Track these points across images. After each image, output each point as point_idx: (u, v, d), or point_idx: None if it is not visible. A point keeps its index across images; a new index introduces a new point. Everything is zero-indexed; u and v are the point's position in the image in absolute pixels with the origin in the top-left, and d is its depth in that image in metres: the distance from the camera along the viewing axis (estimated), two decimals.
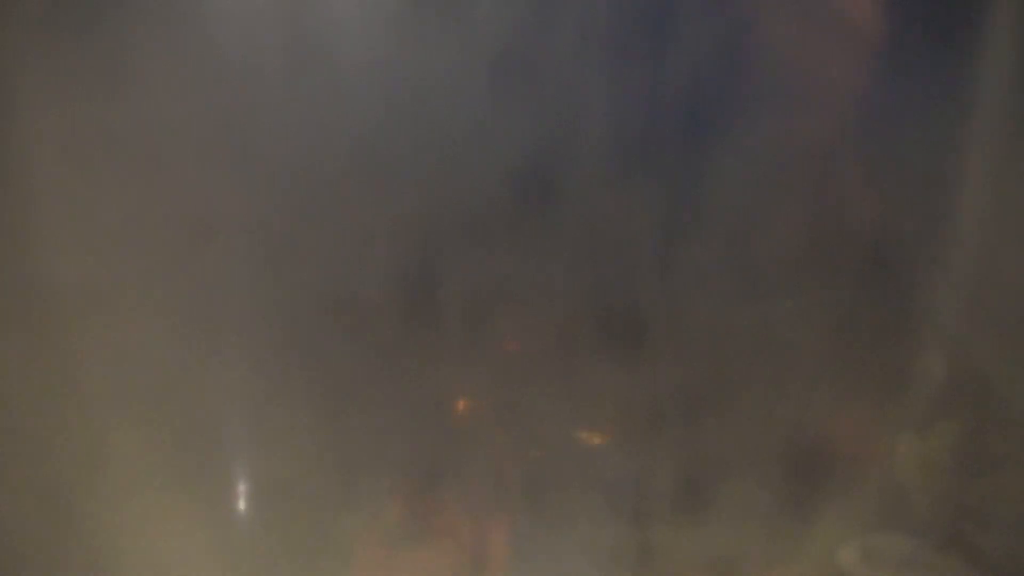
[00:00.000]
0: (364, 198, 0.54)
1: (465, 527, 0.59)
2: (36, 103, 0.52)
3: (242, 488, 0.58)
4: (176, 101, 0.52)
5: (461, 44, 0.52)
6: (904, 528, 0.58)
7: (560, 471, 0.61)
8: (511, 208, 0.54)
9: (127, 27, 0.51)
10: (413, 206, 0.54)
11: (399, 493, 0.58)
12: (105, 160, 0.52)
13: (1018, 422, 0.56)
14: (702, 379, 0.59)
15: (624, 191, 0.55)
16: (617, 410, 0.60)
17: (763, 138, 0.54)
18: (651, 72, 0.53)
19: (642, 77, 0.53)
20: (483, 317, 0.57)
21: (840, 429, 0.60)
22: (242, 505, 0.58)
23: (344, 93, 0.53)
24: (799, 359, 0.59)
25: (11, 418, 0.54)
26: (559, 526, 0.60)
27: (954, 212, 0.56)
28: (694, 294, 0.58)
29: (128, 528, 0.55)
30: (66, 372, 0.55)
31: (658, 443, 0.61)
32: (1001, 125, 0.54)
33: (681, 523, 0.60)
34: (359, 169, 0.54)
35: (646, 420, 0.61)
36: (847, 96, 0.56)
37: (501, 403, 0.59)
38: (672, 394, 0.59)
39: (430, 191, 0.54)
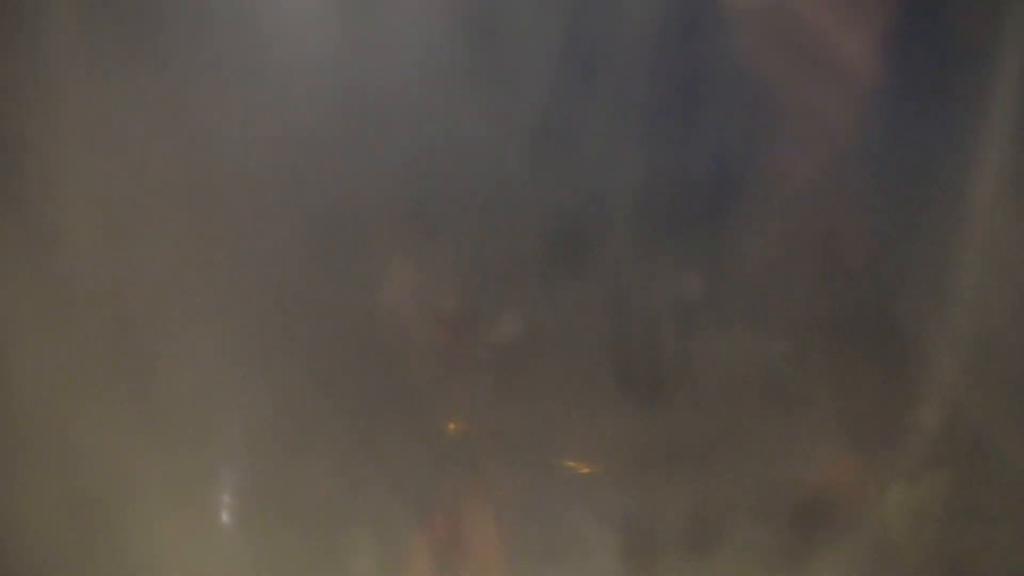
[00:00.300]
0: (399, 246, 0.55)
1: (462, 541, 0.59)
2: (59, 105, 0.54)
3: (258, 495, 0.58)
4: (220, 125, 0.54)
5: (503, 107, 0.53)
6: None
7: (562, 506, 0.61)
8: (542, 262, 0.55)
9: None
10: (447, 255, 0.56)
11: (402, 510, 0.58)
12: (127, 165, 0.54)
13: (1011, 474, 0.57)
14: (706, 427, 0.60)
15: (650, 252, 0.56)
16: (629, 450, 0.61)
17: (784, 202, 0.56)
18: (682, 140, 0.54)
19: (673, 145, 0.54)
20: (508, 360, 0.58)
21: (833, 478, 0.61)
22: (259, 514, 0.58)
23: (386, 144, 0.54)
24: (795, 410, 0.60)
25: (35, 424, 0.54)
26: (556, 558, 0.60)
27: (954, 267, 0.58)
28: (705, 352, 0.59)
29: (143, 537, 0.55)
30: (87, 375, 0.56)
31: (655, 488, 0.61)
32: (1005, 182, 0.56)
33: (672, 570, 0.60)
34: (395, 217, 0.55)
35: (649, 466, 0.61)
36: (872, 165, 0.59)
37: (513, 439, 0.60)
38: (670, 442, 0.60)
39: (465, 243, 0.56)
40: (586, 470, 0.61)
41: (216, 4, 0.52)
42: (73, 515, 0.54)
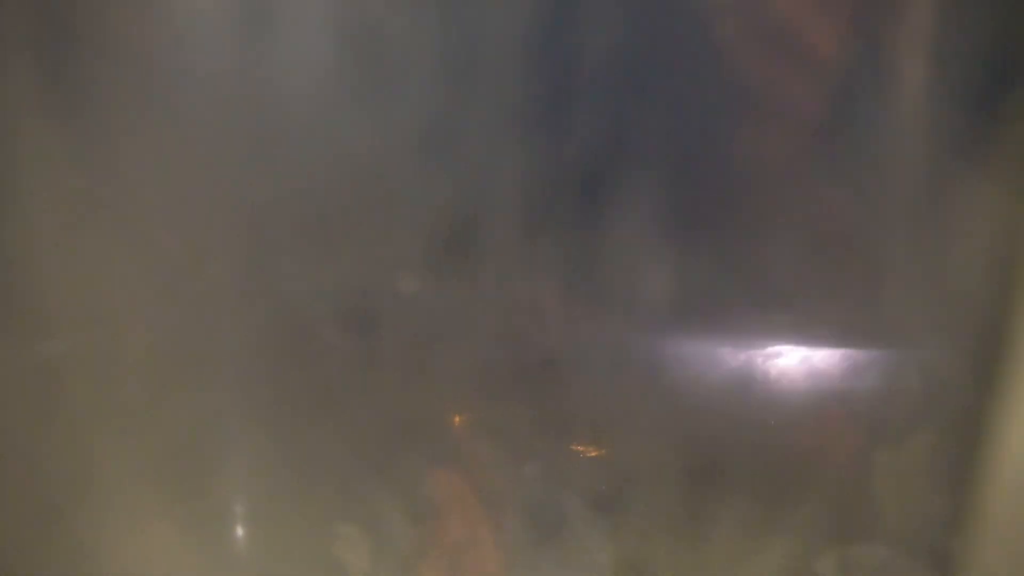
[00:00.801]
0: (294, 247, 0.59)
1: (458, 538, 0.61)
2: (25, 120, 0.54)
3: (232, 499, 0.60)
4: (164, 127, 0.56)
5: (387, 113, 0.56)
6: (880, 538, 0.59)
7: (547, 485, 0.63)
8: (429, 258, 0.59)
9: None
10: (340, 254, 0.59)
11: (392, 505, 0.60)
12: (96, 176, 0.56)
13: (989, 436, 0.57)
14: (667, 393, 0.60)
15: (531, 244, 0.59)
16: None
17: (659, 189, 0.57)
18: (557, 135, 0.57)
19: (550, 143, 0.57)
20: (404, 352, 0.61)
21: (818, 440, 0.61)
22: (232, 517, 0.60)
23: (280, 151, 0.57)
24: (777, 371, 0.60)
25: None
26: (549, 540, 0.62)
27: (935, 234, 0.57)
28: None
29: (118, 540, 0.57)
30: (57, 384, 0.57)
31: (635, 455, 0.62)
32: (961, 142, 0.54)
33: (658, 534, 0.62)
34: (303, 219, 0.58)
35: (621, 433, 0.62)
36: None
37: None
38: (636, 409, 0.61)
39: (357, 243, 0.59)
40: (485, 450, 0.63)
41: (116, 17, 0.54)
42: (39, 527, 0.56)
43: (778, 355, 0.61)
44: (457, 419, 0.62)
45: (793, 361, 0.61)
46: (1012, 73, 0.52)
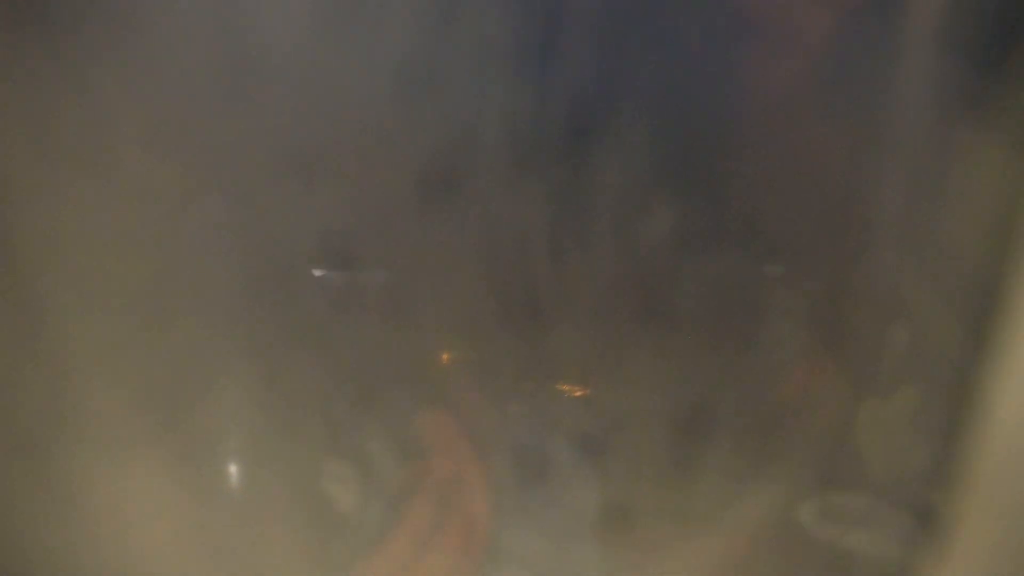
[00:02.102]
0: (291, 185, 0.57)
1: (445, 476, 0.61)
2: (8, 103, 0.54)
3: (227, 465, 0.60)
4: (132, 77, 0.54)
5: (369, 52, 0.55)
6: (861, 487, 0.61)
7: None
8: (416, 204, 0.58)
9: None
10: (328, 197, 0.58)
11: (384, 459, 0.60)
12: (79, 156, 0.55)
13: (971, 389, 0.58)
14: (656, 337, 0.61)
15: (517, 183, 0.58)
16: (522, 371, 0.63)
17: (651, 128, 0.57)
18: (542, 73, 0.56)
19: (532, 81, 0.56)
20: (398, 302, 0.60)
21: (802, 391, 0.62)
22: (228, 484, 0.60)
23: (265, 90, 0.56)
24: (764, 321, 0.61)
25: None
26: (539, 485, 0.62)
27: (918, 187, 0.57)
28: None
29: (100, 476, 0.57)
30: (52, 361, 0.57)
31: (620, 399, 0.63)
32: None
33: (642, 480, 0.62)
34: (277, 161, 0.57)
35: (607, 376, 0.63)
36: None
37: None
38: (624, 353, 0.62)
39: (342, 184, 0.58)
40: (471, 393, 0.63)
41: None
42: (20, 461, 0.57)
43: (769, 306, 0.61)
44: (444, 358, 0.63)
45: (783, 312, 0.61)
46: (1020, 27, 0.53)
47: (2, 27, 0.53)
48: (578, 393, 0.63)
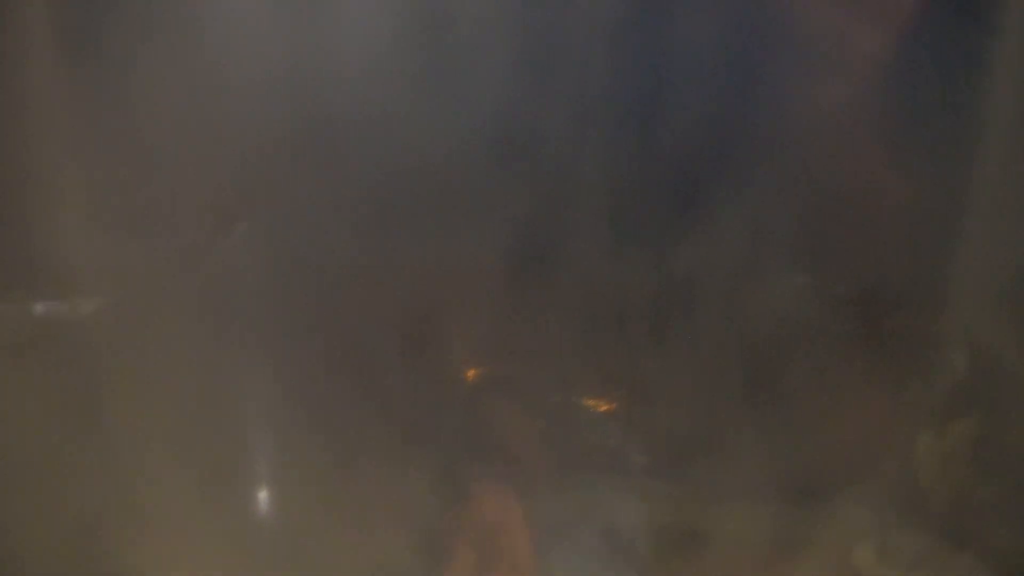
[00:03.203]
0: (366, 255, 0.56)
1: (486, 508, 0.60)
2: (46, 98, 0.52)
3: (263, 482, 0.59)
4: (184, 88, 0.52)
5: (459, 111, 0.52)
6: (921, 526, 0.58)
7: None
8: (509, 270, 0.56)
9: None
10: (417, 260, 0.56)
11: (420, 476, 0.60)
12: (119, 154, 0.53)
13: None
14: (717, 373, 0.59)
15: (620, 250, 0.56)
16: (632, 407, 0.61)
17: (758, 193, 0.55)
18: (644, 142, 0.54)
19: (636, 146, 0.54)
20: (480, 374, 0.60)
21: (858, 425, 0.60)
22: (264, 501, 0.59)
23: (344, 154, 0.54)
24: (819, 353, 0.59)
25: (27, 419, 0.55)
26: (579, 509, 0.61)
27: (979, 206, 0.56)
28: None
29: (149, 523, 0.55)
30: (83, 371, 0.55)
31: (676, 435, 0.61)
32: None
33: (693, 514, 0.60)
34: (363, 229, 0.55)
35: (663, 413, 0.61)
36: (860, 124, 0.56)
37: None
38: (686, 391, 0.60)
39: (433, 248, 0.56)
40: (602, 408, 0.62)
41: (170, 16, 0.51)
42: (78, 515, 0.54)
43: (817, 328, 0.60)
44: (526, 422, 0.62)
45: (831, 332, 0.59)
46: None
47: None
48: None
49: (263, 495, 0.60)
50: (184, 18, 0.52)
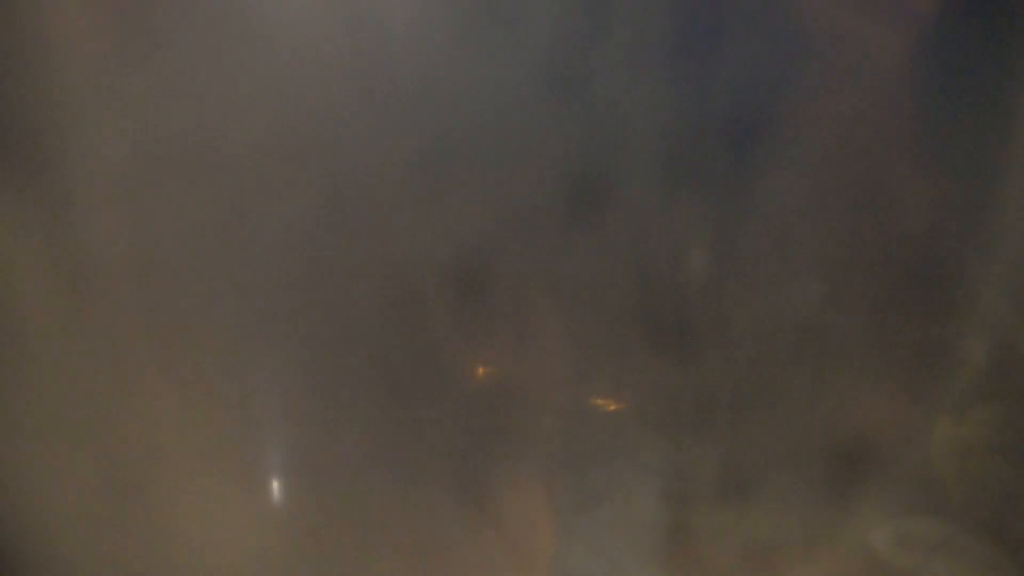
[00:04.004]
0: (417, 204, 0.53)
1: (507, 506, 0.58)
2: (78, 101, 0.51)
3: (283, 468, 0.57)
4: (229, 93, 0.51)
5: (512, 54, 0.50)
6: (939, 513, 0.58)
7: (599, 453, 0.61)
8: (561, 213, 0.54)
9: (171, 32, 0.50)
10: (465, 208, 0.53)
11: (437, 474, 0.58)
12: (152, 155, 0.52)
13: None
14: (743, 365, 0.59)
15: (672, 196, 0.54)
16: (661, 398, 0.60)
17: (811, 140, 0.54)
18: (701, 81, 0.52)
19: (692, 86, 0.52)
20: (530, 312, 0.56)
21: (878, 413, 0.60)
22: (284, 487, 0.57)
23: (395, 101, 0.51)
24: (839, 343, 0.59)
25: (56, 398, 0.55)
26: (596, 505, 0.60)
27: (999, 197, 0.56)
28: (737, 286, 0.58)
29: (175, 511, 0.55)
30: (111, 349, 0.55)
31: (699, 431, 0.61)
32: None
33: (716, 507, 0.60)
34: (413, 178, 0.53)
35: (688, 408, 0.60)
36: (896, 97, 0.56)
37: (548, 398, 0.59)
38: (713, 382, 0.59)
39: (483, 197, 0.54)
40: (617, 410, 0.61)
41: None
42: (108, 490, 0.54)
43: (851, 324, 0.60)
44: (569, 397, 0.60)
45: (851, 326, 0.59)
46: None
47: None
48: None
49: (275, 486, 0.58)
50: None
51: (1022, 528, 0.56)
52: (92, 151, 0.52)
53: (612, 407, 0.59)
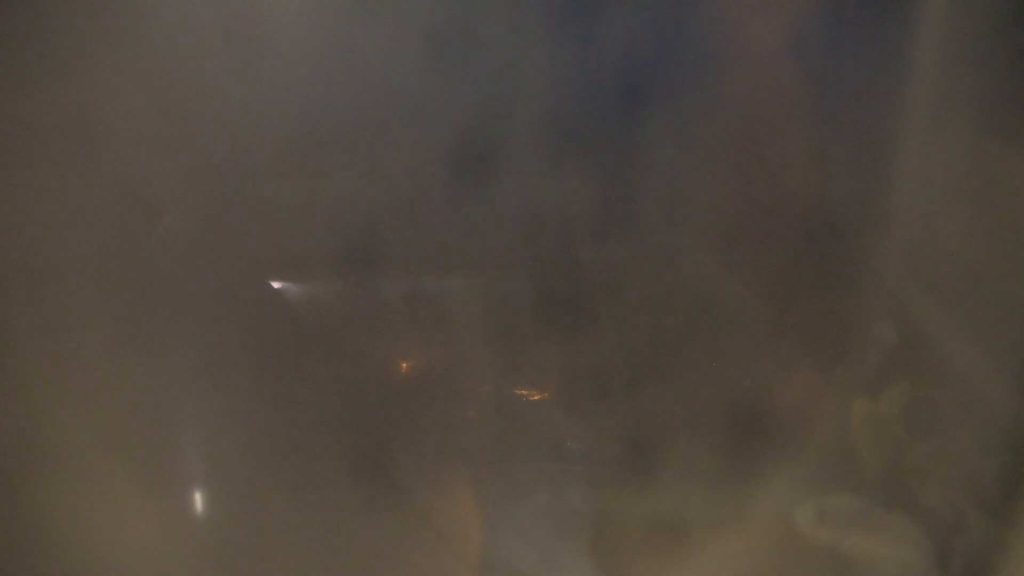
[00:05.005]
0: (302, 175, 0.53)
1: (425, 497, 0.56)
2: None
3: (189, 472, 0.55)
4: (111, 82, 0.49)
5: (397, 17, 0.50)
6: (854, 488, 0.59)
7: (506, 435, 0.60)
8: (449, 182, 0.54)
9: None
10: (352, 182, 0.53)
11: (352, 468, 0.55)
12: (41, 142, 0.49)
13: (961, 384, 0.58)
14: (649, 345, 0.59)
15: (561, 164, 0.54)
16: (561, 375, 0.60)
17: (701, 107, 0.54)
18: (587, 43, 0.52)
19: (578, 49, 0.52)
20: (423, 288, 0.56)
21: (792, 392, 0.61)
22: (189, 490, 0.55)
23: (279, 68, 0.51)
24: (749, 323, 0.60)
25: None
26: (511, 493, 0.58)
27: (901, 175, 0.57)
28: (634, 263, 0.57)
29: (72, 516, 0.51)
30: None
31: (606, 408, 0.60)
32: (943, 88, 0.55)
33: (632, 487, 0.60)
34: (297, 145, 0.52)
35: (591, 385, 0.60)
36: (786, 64, 0.56)
37: (446, 373, 0.58)
38: (620, 360, 0.59)
39: (369, 166, 0.53)
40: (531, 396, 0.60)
41: None
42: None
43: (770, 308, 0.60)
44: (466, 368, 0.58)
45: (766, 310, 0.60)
46: None
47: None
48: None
49: (200, 494, 0.56)
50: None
51: (934, 500, 0.58)
52: None
53: (512, 387, 0.58)
